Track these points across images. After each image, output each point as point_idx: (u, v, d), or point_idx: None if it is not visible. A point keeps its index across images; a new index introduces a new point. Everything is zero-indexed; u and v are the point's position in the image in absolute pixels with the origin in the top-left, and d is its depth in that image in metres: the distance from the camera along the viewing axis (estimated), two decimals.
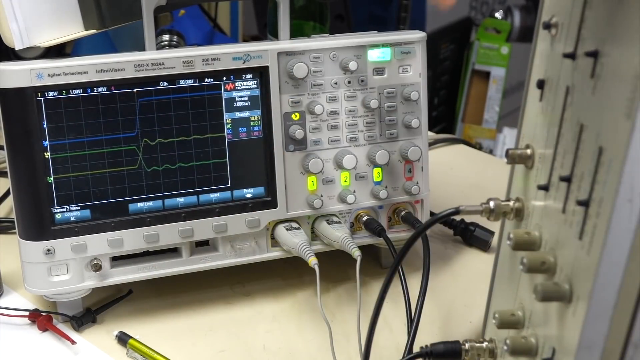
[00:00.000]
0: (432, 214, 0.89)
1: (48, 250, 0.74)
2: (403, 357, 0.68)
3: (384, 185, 0.83)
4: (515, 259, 0.59)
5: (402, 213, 0.85)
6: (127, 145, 0.75)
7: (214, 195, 0.79)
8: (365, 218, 0.83)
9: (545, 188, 0.54)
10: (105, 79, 0.72)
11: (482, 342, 0.60)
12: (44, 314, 0.78)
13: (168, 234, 0.77)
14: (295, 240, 0.78)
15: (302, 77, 0.78)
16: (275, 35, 0.82)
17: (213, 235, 0.79)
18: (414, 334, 0.71)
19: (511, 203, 0.58)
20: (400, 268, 0.76)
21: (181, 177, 0.77)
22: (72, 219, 0.75)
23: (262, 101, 0.78)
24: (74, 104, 0.73)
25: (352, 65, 0.79)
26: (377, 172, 0.83)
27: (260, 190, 0.80)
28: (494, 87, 2.17)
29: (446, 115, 2.29)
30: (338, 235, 0.79)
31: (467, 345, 0.59)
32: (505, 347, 0.54)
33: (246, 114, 0.78)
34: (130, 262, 0.78)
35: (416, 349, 0.65)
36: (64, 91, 0.72)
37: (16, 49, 0.72)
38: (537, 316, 0.54)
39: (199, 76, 0.76)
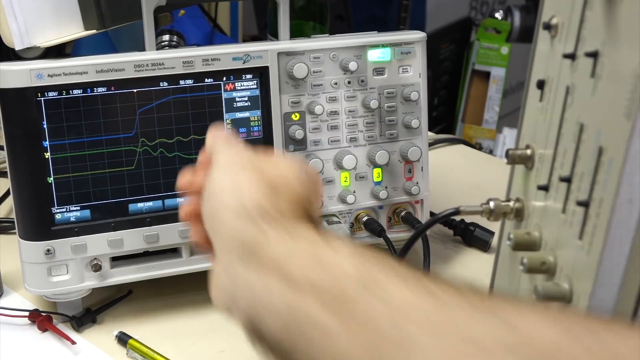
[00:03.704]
0: (432, 214, 0.89)
1: (48, 250, 0.74)
2: None
3: (384, 186, 0.83)
4: (515, 259, 0.59)
5: (402, 213, 0.85)
6: (127, 146, 0.75)
7: None
8: (365, 218, 0.83)
9: (545, 188, 0.54)
10: (105, 79, 0.72)
11: None
12: (44, 314, 0.78)
13: (168, 234, 0.77)
14: None
15: (302, 78, 0.78)
16: (275, 36, 0.82)
17: None
18: None
19: (511, 203, 0.58)
20: None
21: None
22: (72, 219, 0.75)
23: (262, 101, 0.78)
24: (74, 104, 0.73)
25: (352, 66, 0.79)
26: (377, 172, 0.83)
27: None
28: (494, 87, 2.17)
29: (446, 115, 2.29)
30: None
31: None
32: None
33: (246, 114, 0.78)
34: (130, 262, 0.78)
35: None
36: (64, 91, 0.72)
37: (16, 49, 0.72)
38: None
39: (199, 76, 0.76)
